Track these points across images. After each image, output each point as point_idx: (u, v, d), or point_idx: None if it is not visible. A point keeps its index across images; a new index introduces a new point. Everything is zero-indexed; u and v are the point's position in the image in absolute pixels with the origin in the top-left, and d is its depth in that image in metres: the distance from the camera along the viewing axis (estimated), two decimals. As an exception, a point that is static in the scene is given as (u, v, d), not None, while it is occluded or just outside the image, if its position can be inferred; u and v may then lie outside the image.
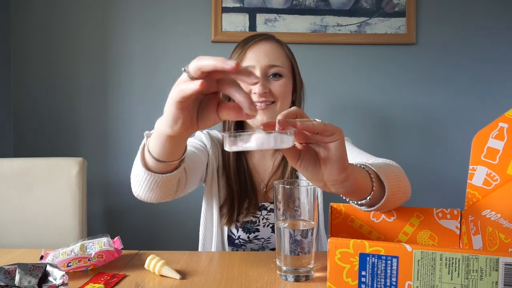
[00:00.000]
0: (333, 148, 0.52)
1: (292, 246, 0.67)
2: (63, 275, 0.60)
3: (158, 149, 0.60)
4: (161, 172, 0.66)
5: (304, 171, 0.55)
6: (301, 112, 0.55)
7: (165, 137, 0.56)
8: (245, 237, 1.02)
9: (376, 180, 0.64)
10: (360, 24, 1.62)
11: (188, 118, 0.51)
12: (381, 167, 0.68)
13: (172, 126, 0.51)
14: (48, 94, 1.62)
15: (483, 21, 1.64)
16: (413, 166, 1.65)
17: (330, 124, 0.52)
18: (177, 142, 0.59)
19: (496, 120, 0.69)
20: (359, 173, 0.60)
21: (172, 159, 0.63)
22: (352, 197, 0.64)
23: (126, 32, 1.62)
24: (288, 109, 0.54)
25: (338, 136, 0.52)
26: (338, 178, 0.54)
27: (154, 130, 0.58)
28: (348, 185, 0.56)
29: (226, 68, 0.43)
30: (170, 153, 0.61)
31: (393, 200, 0.67)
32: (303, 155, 0.55)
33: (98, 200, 1.63)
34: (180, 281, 0.68)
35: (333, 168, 0.53)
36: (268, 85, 0.94)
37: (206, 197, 1.03)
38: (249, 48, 0.96)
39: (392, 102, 1.65)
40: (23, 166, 1.24)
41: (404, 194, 0.70)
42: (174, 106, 0.49)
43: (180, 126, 0.51)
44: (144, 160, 0.65)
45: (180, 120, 0.50)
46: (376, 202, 0.66)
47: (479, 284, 0.49)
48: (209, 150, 1.00)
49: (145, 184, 0.68)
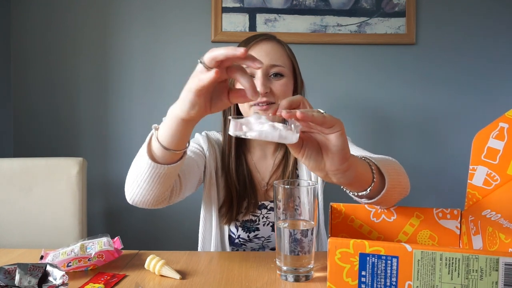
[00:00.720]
0: (333, 139, 0.54)
1: (292, 246, 0.67)
2: (63, 275, 0.60)
3: (168, 135, 0.64)
4: (166, 163, 0.68)
5: (307, 160, 0.57)
6: (304, 100, 0.57)
7: (180, 121, 0.61)
8: (245, 236, 1.02)
9: (377, 172, 0.65)
10: (360, 24, 1.62)
11: (203, 104, 0.57)
12: (382, 160, 0.70)
13: (189, 111, 0.58)
14: (48, 94, 1.62)
15: (483, 21, 1.64)
16: (413, 166, 1.65)
17: (330, 115, 0.54)
18: (189, 127, 0.63)
19: (496, 120, 0.69)
20: (361, 164, 0.62)
21: (178, 148, 0.66)
22: (353, 188, 0.65)
23: (126, 32, 1.62)
24: (292, 97, 0.57)
25: (338, 127, 0.54)
26: (339, 168, 0.56)
27: (167, 117, 0.62)
28: (349, 176, 0.58)
29: (237, 55, 0.50)
30: (179, 140, 0.64)
31: (392, 194, 0.68)
32: (306, 144, 0.57)
33: (98, 200, 1.63)
34: (180, 281, 0.68)
35: (334, 158, 0.55)
36: (269, 85, 0.94)
37: (205, 198, 1.03)
38: (251, 48, 0.96)
39: (392, 102, 1.65)
40: (23, 166, 1.24)
41: (404, 189, 0.71)
42: (193, 93, 0.55)
43: (197, 111, 0.58)
44: (151, 151, 0.68)
45: (197, 106, 0.57)
46: (375, 195, 0.67)
47: (479, 284, 0.49)
48: (206, 152, 1.00)
49: (147, 178, 0.69)
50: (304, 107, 0.57)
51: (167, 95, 1.61)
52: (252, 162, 1.06)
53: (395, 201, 0.72)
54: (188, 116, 0.59)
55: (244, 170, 1.02)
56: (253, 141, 1.05)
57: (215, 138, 1.07)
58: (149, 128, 0.67)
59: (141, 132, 1.61)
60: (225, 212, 1.00)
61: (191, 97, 0.56)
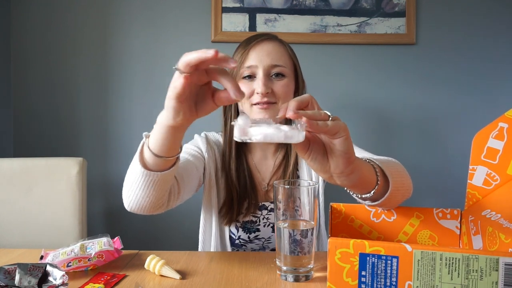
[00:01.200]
0: (338, 144, 0.54)
1: (292, 246, 0.67)
2: (63, 275, 0.60)
3: (159, 143, 0.63)
4: (159, 170, 0.67)
5: (312, 162, 0.57)
6: (313, 100, 0.56)
7: (168, 129, 0.60)
8: (245, 237, 1.01)
9: (381, 175, 0.65)
10: (360, 24, 1.62)
11: (188, 109, 0.57)
12: (386, 163, 0.69)
13: (175, 118, 0.57)
14: (48, 94, 1.62)
15: (483, 21, 1.64)
16: (413, 166, 1.64)
17: (334, 123, 0.53)
18: (178, 133, 0.63)
19: (496, 120, 0.69)
20: (365, 167, 0.62)
21: (170, 155, 0.66)
22: (357, 190, 0.65)
23: (126, 32, 1.62)
24: (302, 96, 0.56)
25: (342, 133, 0.53)
26: (344, 171, 0.56)
27: (156, 124, 0.62)
28: (353, 178, 0.58)
29: (208, 57, 0.49)
30: (170, 147, 0.64)
31: (396, 196, 0.68)
32: (312, 146, 0.57)
33: (98, 200, 1.63)
34: (180, 281, 0.68)
35: (339, 161, 0.55)
36: (270, 85, 0.94)
37: (205, 199, 1.02)
38: (252, 48, 0.95)
39: (392, 102, 1.65)
40: (23, 166, 1.24)
41: (407, 190, 0.71)
42: (173, 100, 0.55)
43: (182, 117, 0.57)
44: (143, 159, 0.67)
45: (181, 112, 0.57)
46: (379, 197, 0.67)
47: (479, 284, 0.49)
48: (205, 154, 1.00)
49: (142, 185, 0.68)
50: (312, 107, 0.56)
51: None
52: (253, 163, 1.06)
53: (398, 202, 0.72)
54: (175, 123, 0.58)
55: (244, 171, 1.02)
56: (253, 142, 1.04)
57: (214, 139, 1.07)
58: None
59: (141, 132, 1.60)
60: (225, 213, 1.00)
61: (172, 104, 0.56)
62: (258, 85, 0.92)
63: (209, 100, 0.58)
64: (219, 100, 0.57)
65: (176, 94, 0.54)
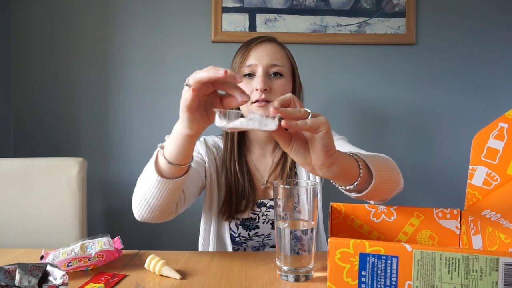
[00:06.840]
0: (318, 138, 0.57)
1: (292, 246, 0.67)
2: (63, 275, 0.60)
3: (175, 151, 0.69)
4: (173, 177, 0.72)
5: (295, 155, 0.61)
6: (295, 99, 0.60)
7: (185, 138, 0.66)
8: (245, 235, 1.03)
9: (364, 167, 0.68)
10: (360, 24, 1.62)
11: (200, 117, 0.63)
12: (370, 156, 0.72)
13: (191, 127, 0.64)
14: (49, 94, 1.62)
15: (483, 21, 1.64)
16: (413, 166, 1.65)
17: (314, 119, 0.56)
18: (194, 141, 0.69)
19: (496, 120, 0.70)
20: (346, 159, 0.65)
21: (184, 162, 0.71)
22: (340, 182, 0.67)
23: (126, 31, 1.62)
24: (284, 96, 0.60)
25: (323, 127, 0.56)
26: (325, 163, 0.59)
27: (172, 135, 0.68)
28: (334, 170, 0.61)
29: (218, 77, 0.55)
30: (185, 154, 0.70)
31: (383, 189, 0.70)
32: (294, 140, 0.61)
33: (98, 200, 1.63)
34: (180, 281, 0.68)
35: (319, 154, 0.58)
36: (269, 83, 0.97)
37: (206, 199, 1.05)
38: (252, 48, 1.00)
39: (392, 102, 1.65)
40: (24, 166, 1.24)
41: (396, 183, 0.73)
42: (185, 112, 0.61)
43: (197, 125, 0.64)
44: (159, 168, 0.72)
45: (195, 121, 0.63)
46: (364, 189, 0.69)
47: (479, 284, 0.49)
48: (205, 157, 1.03)
49: (156, 193, 0.73)
50: (294, 105, 0.60)
51: (167, 95, 1.61)
52: (252, 161, 1.08)
53: (388, 195, 0.75)
54: (191, 131, 0.64)
55: (244, 168, 1.05)
56: (253, 140, 1.07)
57: (212, 142, 1.10)
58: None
59: (141, 132, 1.61)
60: (224, 210, 1.02)
61: (186, 116, 0.61)
62: (257, 81, 0.96)
63: (218, 106, 0.64)
64: (228, 105, 0.63)
65: (187, 106, 0.60)
